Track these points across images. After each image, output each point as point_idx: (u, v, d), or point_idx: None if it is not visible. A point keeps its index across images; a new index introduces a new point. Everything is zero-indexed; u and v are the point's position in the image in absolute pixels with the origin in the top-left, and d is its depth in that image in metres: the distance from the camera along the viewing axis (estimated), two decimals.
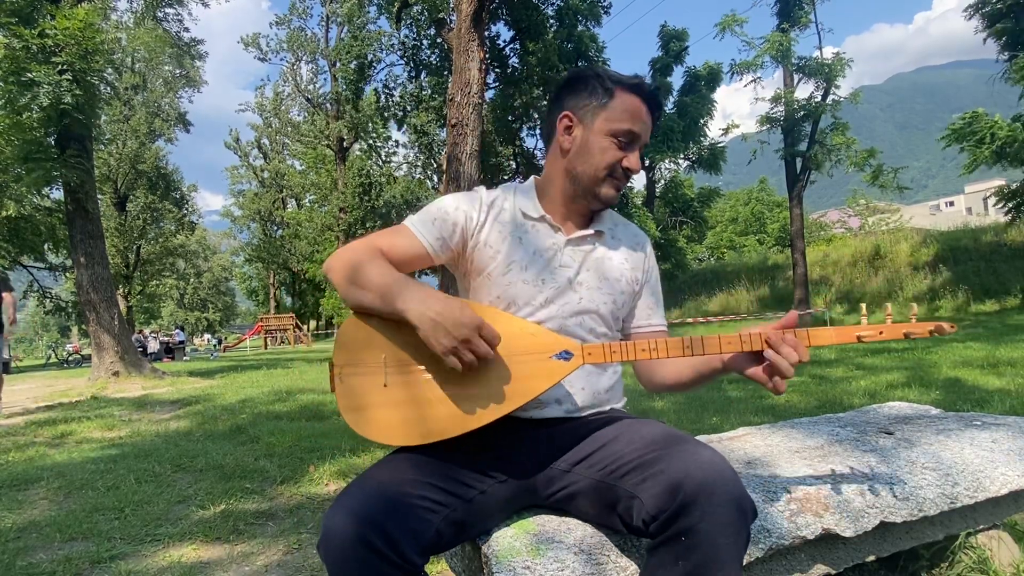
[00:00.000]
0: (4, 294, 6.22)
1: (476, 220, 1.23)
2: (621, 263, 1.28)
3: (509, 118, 19.79)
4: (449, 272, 1.35)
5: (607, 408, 1.25)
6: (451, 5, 9.97)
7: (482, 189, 1.29)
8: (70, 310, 19.68)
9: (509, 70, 18.75)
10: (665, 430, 1.08)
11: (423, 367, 1.07)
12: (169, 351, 21.74)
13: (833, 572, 1.32)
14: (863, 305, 1.22)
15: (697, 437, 1.76)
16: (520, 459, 1.14)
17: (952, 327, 1.07)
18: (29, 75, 8.16)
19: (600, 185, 1.21)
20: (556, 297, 1.20)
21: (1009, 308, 12.93)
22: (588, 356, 1.08)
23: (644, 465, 0.99)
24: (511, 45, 18.59)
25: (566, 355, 1.07)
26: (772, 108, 16.36)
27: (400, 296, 1.05)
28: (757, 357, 1.07)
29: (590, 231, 1.27)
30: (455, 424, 1.05)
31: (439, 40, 18.19)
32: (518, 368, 1.07)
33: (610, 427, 1.15)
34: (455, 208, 1.23)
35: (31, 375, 16.03)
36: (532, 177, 1.33)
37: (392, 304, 1.05)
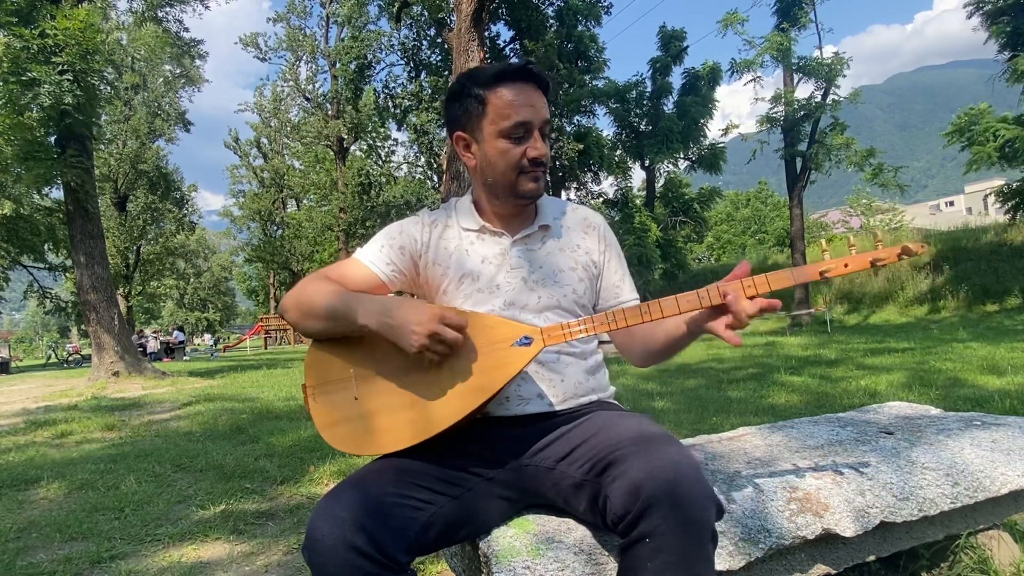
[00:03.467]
0: None
1: (421, 241, 1.25)
2: (574, 251, 1.28)
3: None
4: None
5: (594, 399, 1.25)
6: (451, 5, 9.99)
7: (424, 211, 1.32)
8: (70, 310, 19.67)
9: None
10: (640, 426, 1.07)
11: (389, 375, 1.09)
12: (169, 351, 21.75)
13: (833, 572, 1.32)
14: (823, 241, 1.19)
15: (697, 437, 1.77)
16: (504, 457, 1.15)
17: (921, 247, 1.04)
18: (30, 75, 8.16)
19: (516, 185, 1.19)
20: (515, 300, 1.21)
21: (1009, 308, 12.93)
22: (548, 338, 1.08)
23: (614, 463, 0.99)
24: (511, 45, 18.60)
25: (526, 340, 1.08)
26: (772, 108, 16.34)
27: (358, 312, 1.07)
28: (718, 311, 1.05)
29: (534, 227, 1.26)
30: (429, 426, 1.06)
31: (439, 40, 18.20)
32: (482, 361, 1.07)
33: (590, 422, 1.15)
34: (400, 232, 1.26)
35: (31, 375, 16.04)
36: (471, 189, 1.33)
37: (353, 321, 1.07)
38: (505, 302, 1.21)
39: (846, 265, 1.05)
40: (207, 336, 46.81)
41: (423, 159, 24.39)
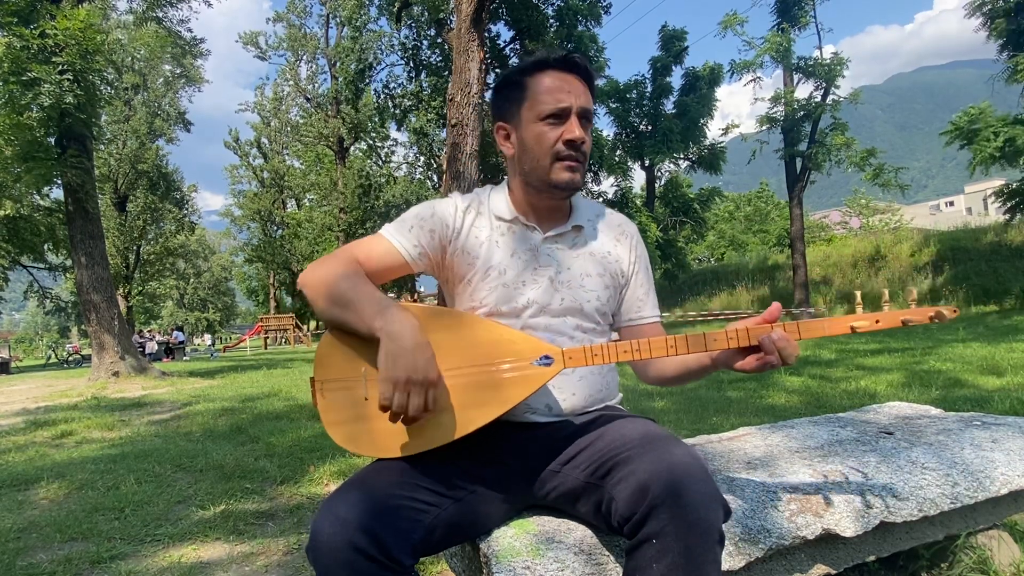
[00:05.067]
0: None
1: (452, 227, 1.21)
2: (604, 257, 1.25)
3: None
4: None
5: (601, 406, 1.24)
6: (451, 5, 10.00)
7: (456, 195, 1.26)
8: (70, 310, 19.68)
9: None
10: (645, 429, 1.07)
11: None
12: (169, 351, 21.75)
13: (833, 572, 1.32)
14: (858, 293, 1.19)
15: (697, 437, 1.77)
16: (510, 461, 1.14)
17: (954, 311, 1.03)
18: (30, 74, 8.16)
19: (551, 172, 1.15)
20: (538, 298, 1.18)
21: (1009, 308, 12.93)
22: (569, 360, 1.06)
23: (619, 465, 0.99)
24: (511, 45, 18.59)
25: (546, 360, 1.07)
26: (772, 108, 16.34)
27: (381, 315, 1.02)
28: (744, 351, 1.05)
29: (567, 227, 1.23)
30: (439, 435, 1.04)
31: (439, 40, 18.20)
32: (500, 376, 1.06)
33: (595, 426, 1.14)
34: (431, 215, 1.21)
35: (31, 375, 16.04)
36: (505, 179, 1.29)
37: (371, 321, 1.03)
38: (528, 300, 1.18)
39: (877, 321, 1.05)
40: (207, 336, 46.78)
41: (423, 159, 24.40)
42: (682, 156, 21.09)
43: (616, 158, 20.98)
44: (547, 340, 1.14)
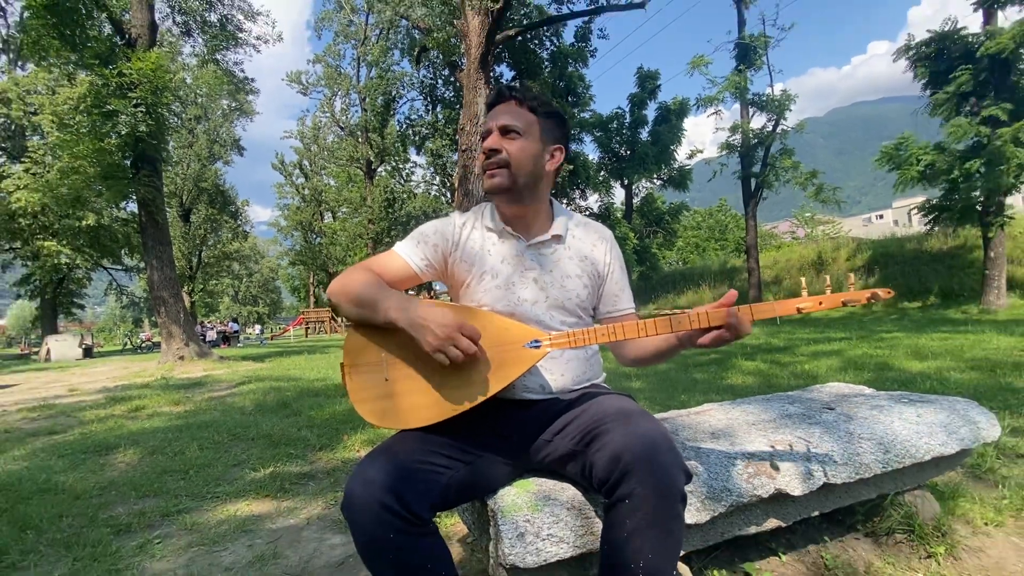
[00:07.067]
0: None
1: (451, 240, 1.23)
2: (581, 261, 1.25)
3: None
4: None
5: (587, 384, 1.24)
6: (462, 50, 9.96)
7: (456, 214, 1.29)
8: (142, 305, 19.68)
9: None
10: (621, 404, 1.07)
11: (415, 362, 1.08)
12: (226, 339, 21.75)
13: (783, 524, 1.32)
14: (803, 279, 1.18)
15: (668, 412, 1.76)
16: (510, 433, 1.15)
17: (889, 292, 1.03)
18: (109, 107, 8.16)
19: (484, 183, 1.20)
20: (527, 297, 1.19)
21: (929, 305, 12.91)
22: (554, 343, 1.07)
23: (598, 436, 1.00)
24: (512, 83, 18.54)
25: (535, 343, 1.08)
26: (731, 136, 16.32)
27: (391, 307, 1.05)
28: (705, 330, 1.04)
29: (547, 236, 1.23)
30: (447, 409, 1.05)
31: (452, 79, 18.17)
32: (496, 358, 1.07)
33: (581, 402, 1.15)
34: (434, 232, 1.23)
35: (110, 359, 16.05)
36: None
37: (385, 314, 1.05)
38: (519, 298, 1.19)
39: (820, 303, 1.04)
40: (257, 326, 46.76)
41: (438, 179, 24.35)
42: (656, 176, 21.05)
43: (600, 178, 20.92)
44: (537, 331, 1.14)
